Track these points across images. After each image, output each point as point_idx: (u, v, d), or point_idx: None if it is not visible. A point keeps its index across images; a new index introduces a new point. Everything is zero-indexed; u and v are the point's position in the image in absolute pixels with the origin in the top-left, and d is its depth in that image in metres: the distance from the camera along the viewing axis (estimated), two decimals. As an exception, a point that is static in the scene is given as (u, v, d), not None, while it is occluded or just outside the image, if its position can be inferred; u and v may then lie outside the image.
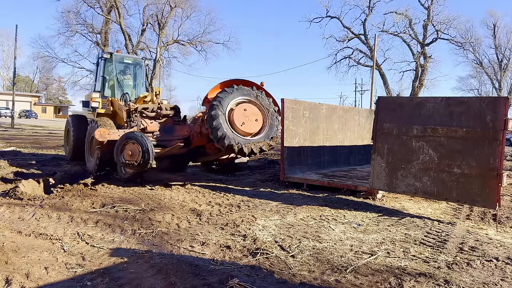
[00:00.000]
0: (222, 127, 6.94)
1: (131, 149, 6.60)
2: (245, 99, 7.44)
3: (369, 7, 35.41)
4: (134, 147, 6.58)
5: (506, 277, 3.79)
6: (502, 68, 44.23)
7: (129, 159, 6.61)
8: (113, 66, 10.97)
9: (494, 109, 5.44)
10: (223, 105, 7.11)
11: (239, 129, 7.18)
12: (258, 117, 7.46)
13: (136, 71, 11.67)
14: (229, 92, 7.27)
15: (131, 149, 6.60)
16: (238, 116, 7.20)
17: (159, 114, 7.73)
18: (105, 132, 6.80)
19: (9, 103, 44.58)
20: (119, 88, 10.93)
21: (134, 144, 6.57)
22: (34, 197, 6.31)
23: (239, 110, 7.24)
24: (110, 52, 11.15)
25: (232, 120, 7.15)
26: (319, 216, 5.93)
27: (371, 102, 29.35)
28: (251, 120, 7.37)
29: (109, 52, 11.06)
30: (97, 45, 35.95)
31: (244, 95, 7.44)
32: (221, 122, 6.92)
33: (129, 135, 6.65)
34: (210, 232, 4.87)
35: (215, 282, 3.37)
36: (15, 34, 33.02)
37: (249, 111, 7.35)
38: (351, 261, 4.07)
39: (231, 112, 7.20)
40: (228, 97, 7.20)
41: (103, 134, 6.79)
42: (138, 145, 6.54)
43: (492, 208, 5.64)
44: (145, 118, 7.56)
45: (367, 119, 11.54)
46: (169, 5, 35.65)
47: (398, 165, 6.35)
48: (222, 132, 6.92)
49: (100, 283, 3.34)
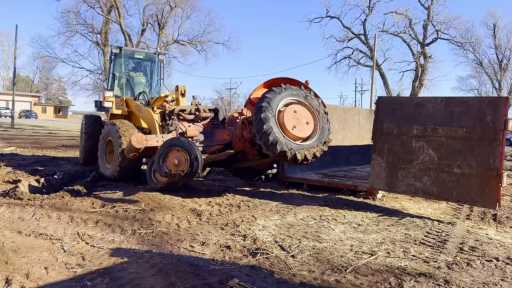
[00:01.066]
0: (273, 131, 6.16)
1: (177, 157, 5.88)
2: (294, 99, 6.73)
3: (369, 7, 35.43)
4: (180, 155, 5.88)
5: (506, 277, 3.79)
6: (502, 68, 44.23)
7: (174, 169, 5.87)
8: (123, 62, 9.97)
9: (494, 109, 5.44)
10: (272, 106, 6.36)
11: (290, 133, 6.39)
12: (308, 119, 6.68)
13: (149, 67, 10.58)
14: (278, 92, 6.54)
15: (177, 157, 5.88)
16: (289, 118, 6.43)
17: (198, 116, 7.04)
18: (143, 137, 6.05)
19: (9, 103, 44.59)
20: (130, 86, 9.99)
21: (180, 151, 5.86)
22: (34, 197, 6.31)
23: (288, 112, 6.48)
24: (120, 46, 10.13)
25: (283, 123, 6.37)
26: (319, 216, 5.93)
27: (371, 102, 29.37)
28: (302, 123, 6.58)
29: (118, 46, 10.05)
30: (97, 45, 35.96)
31: (293, 95, 6.73)
32: (272, 126, 6.19)
33: (174, 141, 5.95)
34: (210, 232, 4.87)
35: (215, 282, 3.37)
36: (15, 34, 33.06)
37: (299, 113, 6.59)
38: (351, 261, 4.07)
39: (280, 114, 6.45)
40: (276, 97, 6.48)
41: (140, 140, 6.04)
42: (185, 152, 5.82)
43: (492, 208, 5.64)
44: (183, 121, 6.85)
45: (367, 119, 11.54)
46: (169, 5, 35.67)
47: (398, 165, 6.35)
48: (274, 137, 6.12)
49: (100, 283, 3.34)
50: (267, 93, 6.52)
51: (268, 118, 6.20)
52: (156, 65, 10.54)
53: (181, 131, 6.56)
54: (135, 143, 5.95)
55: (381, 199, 7.42)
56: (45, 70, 55.31)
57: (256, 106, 6.44)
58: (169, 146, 5.87)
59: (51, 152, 14.32)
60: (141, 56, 10.42)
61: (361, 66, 38.06)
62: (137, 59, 10.41)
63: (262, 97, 6.48)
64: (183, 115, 6.82)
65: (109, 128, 8.16)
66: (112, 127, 7.96)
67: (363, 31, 36.09)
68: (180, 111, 6.81)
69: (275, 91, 6.51)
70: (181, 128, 6.60)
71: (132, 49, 10.66)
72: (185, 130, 6.61)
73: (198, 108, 6.97)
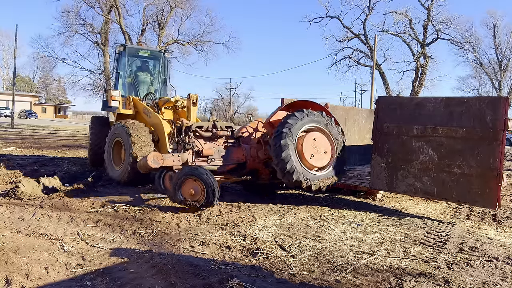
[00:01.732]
0: (291, 159, 6.04)
1: (193, 187, 5.73)
2: (315, 126, 6.57)
3: (369, 7, 35.40)
4: (197, 186, 5.73)
5: (506, 277, 3.79)
6: (502, 68, 44.22)
7: (190, 198, 5.73)
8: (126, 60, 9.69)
9: (494, 109, 5.44)
10: (292, 133, 6.20)
11: (308, 162, 6.25)
12: (327, 148, 6.54)
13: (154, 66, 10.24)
14: (299, 118, 6.37)
15: (193, 187, 5.73)
16: (308, 146, 6.28)
17: (215, 134, 6.69)
18: (159, 157, 5.88)
19: (9, 103, 44.59)
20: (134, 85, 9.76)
21: (197, 181, 5.71)
22: (34, 197, 6.31)
23: (308, 139, 6.32)
24: (124, 44, 9.83)
25: (301, 151, 6.22)
26: (319, 216, 5.93)
27: (371, 102, 29.37)
28: (320, 152, 6.42)
29: (122, 44, 9.73)
30: (97, 45, 35.94)
31: (314, 121, 6.56)
32: (291, 154, 6.07)
33: (193, 171, 5.76)
34: (210, 232, 4.87)
35: (215, 282, 3.37)
36: (15, 34, 33.09)
37: (318, 142, 6.43)
38: (351, 261, 4.07)
39: (299, 141, 6.29)
40: (298, 123, 6.31)
41: (156, 159, 5.84)
42: (202, 184, 5.68)
43: (492, 208, 5.64)
44: (199, 138, 6.59)
45: (367, 119, 11.53)
46: (169, 5, 35.64)
47: (398, 165, 6.35)
48: (291, 166, 6.02)
49: (100, 283, 3.34)
50: (288, 118, 6.35)
51: (288, 145, 6.08)
52: (161, 63, 10.24)
53: (197, 149, 6.35)
54: (151, 163, 5.77)
55: (381, 199, 7.42)
56: (45, 70, 55.22)
57: (277, 131, 6.27)
58: (187, 174, 5.74)
59: (51, 152, 14.33)
60: (146, 54, 10.08)
61: (361, 66, 38.04)
62: (141, 57, 10.08)
63: (284, 121, 6.31)
64: (200, 132, 6.57)
65: (118, 129, 7.95)
66: (123, 129, 7.75)
67: (363, 31, 36.08)
68: (198, 127, 6.57)
69: (297, 117, 6.35)
70: (197, 146, 6.39)
71: (136, 47, 10.38)
72: (201, 149, 6.41)
73: (215, 125, 6.73)
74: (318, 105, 7.00)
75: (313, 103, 6.99)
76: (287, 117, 6.40)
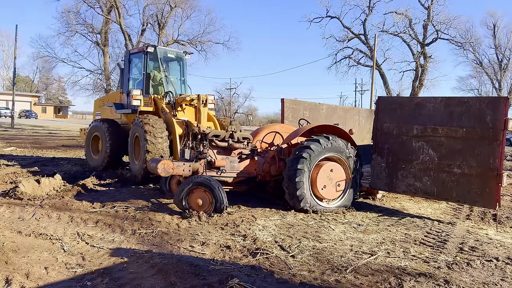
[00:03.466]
0: (303, 186, 5.99)
1: (201, 197, 5.63)
2: (336, 156, 6.42)
3: (369, 7, 35.42)
4: (205, 196, 5.64)
5: (506, 277, 3.79)
6: (502, 68, 44.22)
7: (196, 208, 5.60)
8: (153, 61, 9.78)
9: (494, 109, 5.44)
10: (311, 160, 6.12)
11: (318, 192, 6.19)
12: (341, 182, 6.39)
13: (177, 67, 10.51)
14: (323, 146, 6.22)
15: (201, 197, 5.63)
16: (323, 177, 6.19)
17: (231, 146, 6.44)
18: (170, 166, 5.80)
19: (9, 103, 44.59)
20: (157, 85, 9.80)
21: (206, 192, 5.62)
22: (34, 197, 6.31)
23: (325, 170, 6.23)
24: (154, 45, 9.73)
25: (315, 180, 6.16)
26: (319, 216, 5.93)
27: (371, 102, 29.37)
28: (333, 185, 6.31)
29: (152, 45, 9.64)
30: (97, 45, 35.96)
31: (337, 151, 6.40)
32: (304, 181, 6.01)
33: (203, 181, 5.63)
34: (210, 232, 4.87)
35: (215, 282, 3.37)
36: (15, 34, 33.07)
37: (334, 173, 6.31)
38: (351, 261, 4.07)
39: (315, 169, 6.21)
40: (319, 151, 6.19)
41: (167, 168, 5.77)
42: (211, 195, 5.60)
43: (492, 208, 5.64)
44: (214, 148, 6.35)
45: (367, 119, 11.55)
46: (169, 5, 35.66)
47: (398, 165, 6.35)
48: (302, 193, 5.99)
49: (100, 283, 3.34)
50: (312, 143, 6.20)
51: (303, 172, 6.02)
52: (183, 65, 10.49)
53: (210, 159, 6.18)
54: (161, 171, 5.72)
55: (381, 199, 7.42)
56: (45, 70, 55.33)
57: (297, 153, 6.16)
58: (197, 183, 5.62)
59: (51, 152, 14.33)
60: (173, 56, 10.27)
61: (361, 66, 38.08)
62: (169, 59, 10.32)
63: (306, 146, 6.19)
64: (215, 142, 6.36)
65: (137, 124, 8.20)
66: (140, 123, 8.01)
67: (363, 31, 36.10)
68: (214, 136, 6.37)
69: (320, 144, 6.21)
70: (210, 156, 6.21)
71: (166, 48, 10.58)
72: (214, 160, 6.22)
73: (233, 136, 6.50)
74: (346, 134, 6.77)
75: (340, 129, 6.77)
76: (311, 141, 6.26)
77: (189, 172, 5.99)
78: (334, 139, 6.38)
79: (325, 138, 6.33)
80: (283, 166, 6.42)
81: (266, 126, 7.81)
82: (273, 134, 7.32)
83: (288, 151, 6.62)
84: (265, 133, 7.41)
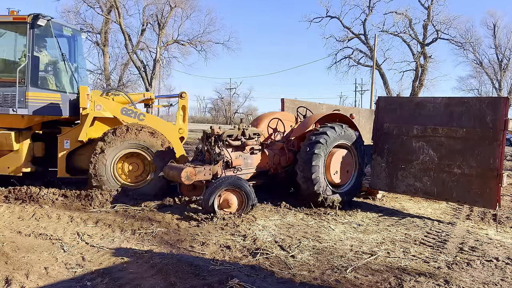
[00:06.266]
0: (318, 170, 6.12)
1: (231, 197, 5.61)
2: (346, 143, 6.61)
3: (369, 7, 35.37)
4: (235, 196, 5.65)
5: (506, 277, 3.79)
6: (502, 68, 44.18)
7: (225, 208, 5.58)
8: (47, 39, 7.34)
9: (494, 109, 5.44)
10: (327, 146, 6.26)
11: (331, 177, 6.36)
12: (349, 169, 6.63)
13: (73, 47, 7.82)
14: (338, 133, 6.39)
15: (231, 198, 5.62)
16: (335, 163, 6.38)
17: (244, 143, 6.43)
18: (192, 172, 5.62)
19: (9, 103, 44.45)
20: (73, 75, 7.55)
21: (236, 192, 5.63)
22: (34, 197, 6.30)
23: (338, 155, 6.43)
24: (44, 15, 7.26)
25: (329, 165, 6.32)
26: (319, 216, 5.93)
27: (371, 102, 29.34)
28: (343, 171, 6.52)
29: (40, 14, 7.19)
30: (97, 45, 35.96)
31: (348, 139, 6.60)
32: (320, 165, 6.15)
33: (236, 182, 5.64)
34: (210, 232, 4.87)
35: (215, 282, 3.37)
36: (15, 34, 32.95)
37: (345, 160, 6.52)
38: (351, 261, 4.07)
39: (330, 155, 6.37)
40: (335, 137, 6.36)
41: (190, 176, 5.61)
42: (244, 195, 5.63)
43: (492, 208, 5.64)
44: (228, 147, 6.28)
45: (367, 119, 11.53)
46: (169, 5, 35.62)
47: (398, 165, 6.35)
48: (317, 176, 6.11)
49: (100, 283, 3.34)
50: (328, 129, 6.33)
51: (320, 156, 6.16)
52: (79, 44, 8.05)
53: (227, 159, 6.14)
54: (184, 179, 5.57)
55: (381, 199, 7.41)
56: (45, 70, 55.16)
57: (313, 138, 6.25)
58: (228, 184, 5.58)
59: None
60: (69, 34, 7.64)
61: (361, 66, 37.97)
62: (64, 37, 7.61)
63: (323, 132, 6.29)
64: (229, 141, 6.29)
65: None
66: None
67: (363, 31, 36.03)
68: (228, 136, 6.29)
69: (336, 131, 6.37)
70: (227, 157, 6.16)
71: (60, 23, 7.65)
72: (230, 159, 6.17)
73: (244, 133, 6.48)
74: (352, 122, 6.91)
75: (342, 115, 6.93)
76: (327, 128, 6.40)
77: (210, 176, 5.90)
78: (346, 128, 6.61)
79: (340, 125, 6.56)
80: (292, 157, 6.62)
81: (266, 114, 7.70)
82: (276, 120, 7.30)
83: (297, 142, 6.72)
84: (268, 119, 7.35)
